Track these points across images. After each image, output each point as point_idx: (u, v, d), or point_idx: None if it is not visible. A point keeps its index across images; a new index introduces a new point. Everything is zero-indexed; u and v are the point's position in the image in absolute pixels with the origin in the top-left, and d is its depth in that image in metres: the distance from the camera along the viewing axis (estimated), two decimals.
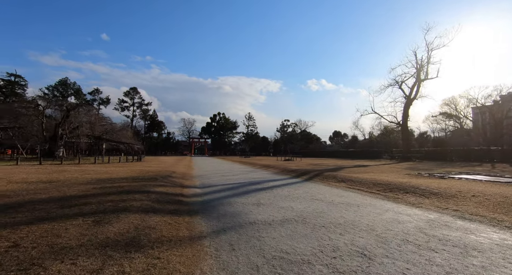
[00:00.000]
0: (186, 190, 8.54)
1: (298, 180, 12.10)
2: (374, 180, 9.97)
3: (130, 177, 10.28)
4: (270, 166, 21.30)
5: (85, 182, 8.26)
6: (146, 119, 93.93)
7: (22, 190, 6.44)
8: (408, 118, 31.90)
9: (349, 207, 6.00)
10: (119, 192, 6.26)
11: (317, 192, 8.41)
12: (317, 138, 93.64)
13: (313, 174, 13.85)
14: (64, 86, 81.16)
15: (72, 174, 10.89)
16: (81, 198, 5.42)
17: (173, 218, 4.72)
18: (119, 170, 14.07)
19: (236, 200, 7.02)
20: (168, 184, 9.00)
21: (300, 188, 9.40)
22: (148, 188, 7.43)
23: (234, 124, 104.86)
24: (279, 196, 7.63)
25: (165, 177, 10.95)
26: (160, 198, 6.17)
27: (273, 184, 10.60)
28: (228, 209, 5.92)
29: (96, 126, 28.50)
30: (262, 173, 16.01)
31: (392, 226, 4.38)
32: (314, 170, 15.50)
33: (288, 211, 5.60)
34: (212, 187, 9.62)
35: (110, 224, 3.60)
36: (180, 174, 14.23)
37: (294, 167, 18.87)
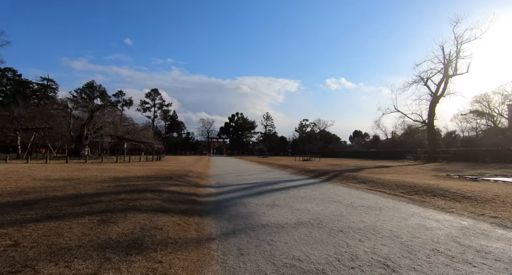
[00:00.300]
0: (201, 190, 8.44)
1: (315, 181, 11.67)
2: (397, 182, 9.35)
3: (146, 175, 10.38)
4: (288, 166, 20.91)
5: (102, 180, 8.40)
6: (167, 120, 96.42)
7: (42, 187, 6.61)
8: (434, 117, 30.10)
9: (370, 210, 5.57)
10: (132, 191, 6.24)
11: (335, 193, 7.99)
12: (337, 138, 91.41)
13: (332, 174, 13.33)
14: (91, 88, 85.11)
15: (92, 172, 11.20)
16: (94, 196, 5.43)
17: (183, 218, 4.57)
18: (138, 168, 14.34)
19: (250, 200, 6.80)
20: (183, 183, 8.96)
21: (318, 189, 9.00)
22: (162, 187, 7.39)
23: (252, 124, 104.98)
24: (295, 197, 7.31)
25: (181, 176, 10.95)
26: (173, 197, 6.07)
27: (290, 184, 10.26)
28: (240, 209, 5.70)
29: (118, 127, 29.50)
30: (279, 173, 15.69)
31: (419, 233, 3.94)
32: (333, 170, 14.95)
33: (303, 213, 5.28)
34: (227, 187, 9.46)
35: (115, 224, 3.50)
36: (196, 173, 14.25)
37: (312, 167, 18.36)
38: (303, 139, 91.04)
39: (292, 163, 26.08)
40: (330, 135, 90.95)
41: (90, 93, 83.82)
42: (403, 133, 57.18)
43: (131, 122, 41.49)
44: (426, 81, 30.23)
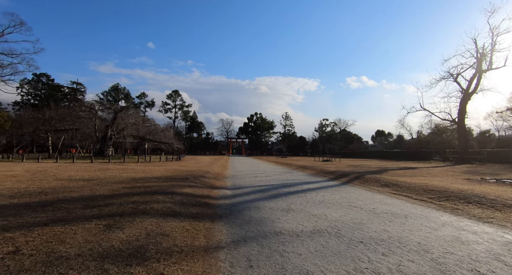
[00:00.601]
0: (215, 192, 8.30)
1: (335, 183, 11.17)
2: (425, 186, 8.66)
3: (163, 176, 10.44)
4: (307, 167, 20.38)
5: (119, 180, 8.52)
6: (187, 120, 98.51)
7: (61, 188, 6.78)
8: (465, 115, 28.09)
9: (394, 218, 5.10)
10: (145, 193, 6.21)
11: (356, 197, 7.51)
12: (358, 138, 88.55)
13: (353, 176, 12.72)
14: (116, 91, 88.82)
15: (112, 172, 11.47)
16: (107, 198, 5.43)
17: (193, 223, 4.40)
18: (156, 169, 14.56)
19: (265, 204, 6.53)
20: (197, 185, 8.88)
21: (337, 192, 8.55)
22: (176, 188, 7.33)
23: (271, 124, 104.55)
24: (313, 201, 6.94)
25: (197, 177, 10.92)
26: (185, 200, 5.95)
27: (308, 187, 9.87)
28: (254, 214, 5.45)
29: (140, 127, 30.43)
30: (297, 174, 15.28)
31: (453, 248, 3.47)
32: (353, 172, 14.30)
33: (320, 220, 4.93)
34: (243, 189, 9.26)
35: (121, 229, 3.39)
36: (213, 174, 14.21)
37: (332, 168, 17.73)
38: (323, 138, 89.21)
39: (311, 163, 25.46)
40: (351, 135, 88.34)
41: (115, 96, 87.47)
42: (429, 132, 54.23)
43: (152, 123, 42.72)
44: (456, 77, 28.32)
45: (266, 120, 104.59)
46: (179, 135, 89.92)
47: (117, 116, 28.07)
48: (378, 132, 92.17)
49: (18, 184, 7.40)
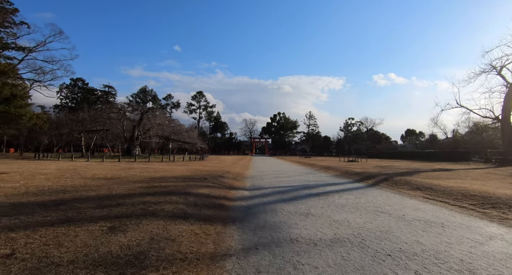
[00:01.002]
0: (233, 192, 8.07)
1: (360, 185, 10.46)
2: (464, 190, 7.74)
3: (182, 176, 10.43)
4: (330, 168, 19.58)
5: (138, 180, 8.59)
6: (211, 121, 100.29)
7: (82, 186, 6.92)
8: (511, 112, 25.44)
9: (428, 227, 4.49)
10: (159, 193, 6.12)
11: (383, 201, 6.87)
12: (386, 137, 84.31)
13: (380, 178, 11.87)
14: (144, 93, 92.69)
15: (134, 171, 11.71)
16: (121, 197, 5.39)
17: (204, 226, 4.16)
18: (177, 168, 14.71)
19: (283, 206, 6.16)
20: (215, 185, 8.70)
21: (363, 195, 7.92)
22: (192, 189, 7.19)
23: (294, 124, 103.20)
24: (335, 204, 6.44)
25: (215, 177, 10.78)
26: (199, 201, 5.76)
27: (330, 188, 9.31)
28: (270, 218, 5.10)
29: (165, 127, 31.31)
30: (320, 175, 14.65)
31: (506, 268, 2.88)
32: (381, 174, 13.38)
33: (342, 227, 4.47)
34: (262, 190, 8.94)
35: (124, 233, 3.22)
36: (233, 174, 14.05)
37: (358, 169, 16.82)
38: (349, 138, 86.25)
39: (335, 164, 24.50)
40: (378, 134, 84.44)
41: (144, 97, 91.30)
42: (467, 131, 50.05)
43: (177, 124, 43.87)
44: (500, 70, 25.69)
45: (290, 120, 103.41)
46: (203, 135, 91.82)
47: (143, 117, 29.10)
48: (408, 132, 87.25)
49: (45, 181, 7.71)
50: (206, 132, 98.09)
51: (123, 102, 49.05)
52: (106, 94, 70.48)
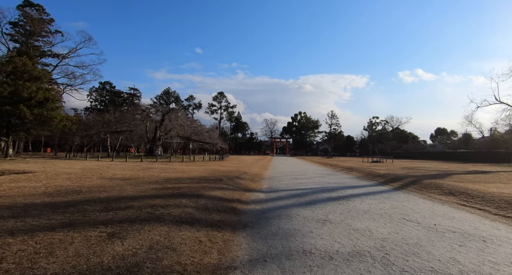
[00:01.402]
0: (248, 195, 7.79)
1: (385, 188, 9.74)
2: (508, 196, 6.86)
3: (197, 177, 10.34)
4: (353, 169, 18.72)
5: (153, 180, 8.59)
6: (232, 121, 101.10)
7: (97, 187, 6.99)
8: None
9: (466, 241, 3.90)
10: (170, 195, 5.98)
11: (411, 208, 6.24)
12: (414, 137, 79.81)
13: (407, 180, 11.03)
14: (167, 95, 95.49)
15: (152, 172, 11.84)
16: (130, 199, 5.31)
17: (211, 233, 3.91)
18: (195, 168, 14.73)
19: (299, 211, 5.77)
20: (230, 187, 8.48)
21: (387, 200, 7.30)
22: (205, 191, 7.01)
23: (315, 124, 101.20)
24: (356, 210, 5.94)
25: (232, 178, 10.58)
26: (210, 204, 5.54)
27: (352, 192, 8.74)
28: (284, 224, 4.75)
29: (185, 128, 31.85)
30: (342, 177, 13.97)
31: None
32: (408, 176, 12.46)
33: (363, 237, 4.01)
34: (278, 192, 8.59)
35: (122, 240, 3.04)
36: (251, 174, 13.80)
37: (383, 171, 15.88)
38: (373, 138, 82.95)
39: (358, 165, 23.46)
40: (405, 134, 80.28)
41: (167, 99, 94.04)
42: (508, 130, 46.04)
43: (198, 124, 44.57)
44: None
45: (311, 120, 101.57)
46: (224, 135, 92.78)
47: (164, 118, 29.80)
48: (438, 131, 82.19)
49: (65, 181, 7.92)
50: (227, 132, 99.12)
51: (146, 103, 50.81)
52: (132, 96, 73.40)
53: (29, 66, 19.50)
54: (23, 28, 43.22)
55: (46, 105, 18.67)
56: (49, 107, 18.82)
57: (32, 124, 19.04)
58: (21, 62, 19.25)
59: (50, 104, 18.91)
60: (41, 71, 19.83)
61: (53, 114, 18.58)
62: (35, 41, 44.88)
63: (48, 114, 18.51)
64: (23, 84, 18.66)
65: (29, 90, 18.43)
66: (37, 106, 18.21)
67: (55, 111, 19.42)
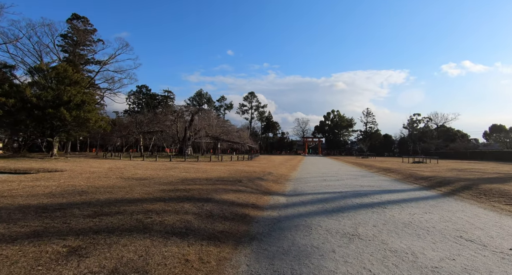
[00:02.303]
0: (266, 199, 6.99)
1: (431, 194, 8.24)
2: None
3: (216, 177, 9.79)
4: (391, 170, 16.87)
5: (168, 181, 8.18)
6: (262, 121, 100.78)
7: (107, 187, 6.72)
8: None
9: None
10: (176, 198, 5.41)
11: (469, 221, 4.92)
12: (463, 135, 71.79)
13: (459, 185, 9.31)
14: (200, 96, 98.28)
15: (174, 171, 11.59)
16: (129, 203, 4.83)
17: (205, 249, 3.19)
18: (218, 168, 14.29)
19: (322, 221, 4.83)
20: (248, 189, 7.75)
21: (435, 209, 5.97)
22: (217, 193, 6.36)
23: (350, 122, 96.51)
24: (394, 222, 4.82)
25: (253, 179, 9.85)
26: (216, 210, 4.85)
27: (389, 197, 7.46)
28: (300, 239, 3.88)
29: (214, 128, 31.97)
30: (377, 179, 12.47)
31: None
32: (459, 179, 10.62)
33: (404, 264, 2.98)
34: (302, 196, 7.65)
35: (81, 259, 2.44)
36: (276, 175, 12.96)
37: (427, 173, 13.97)
38: (414, 136, 76.58)
39: (397, 166, 21.27)
40: (452, 131, 72.69)
41: (199, 100, 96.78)
42: None
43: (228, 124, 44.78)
44: None
45: (345, 118, 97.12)
46: (255, 135, 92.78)
47: (193, 118, 30.19)
48: (494, 128, 73.19)
49: (82, 181, 7.86)
50: (258, 132, 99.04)
51: (179, 105, 52.46)
52: (166, 98, 76.67)
53: (70, 72, 20.84)
54: (71, 39, 47.24)
55: (83, 108, 19.77)
56: (85, 110, 19.90)
57: (71, 125, 20.30)
58: (62, 68, 20.66)
59: (87, 107, 20.01)
60: (79, 76, 21.09)
61: (89, 116, 19.62)
62: (81, 51, 48.88)
63: (84, 116, 19.57)
64: (64, 89, 19.99)
65: (69, 93, 19.66)
66: (75, 109, 19.35)
67: (91, 113, 20.50)
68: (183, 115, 32.43)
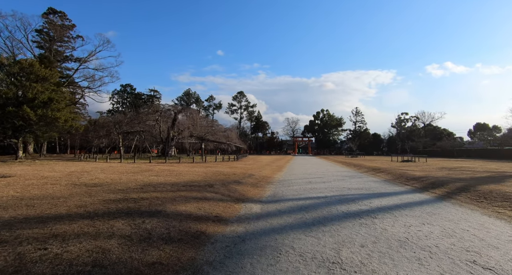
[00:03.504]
0: (236, 208, 5.90)
1: (425, 198, 7.35)
2: None
3: (186, 181, 8.62)
4: (380, 170, 16.12)
5: (123, 188, 6.96)
6: (252, 121, 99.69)
7: (38, 198, 5.47)
8: None
9: None
10: (112, 213, 4.25)
11: (477, 235, 3.98)
12: (449, 133, 72.89)
13: (454, 186, 8.49)
14: (188, 96, 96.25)
15: (141, 175, 10.35)
16: (40, 222, 3.62)
17: None
18: (195, 171, 13.11)
19: (297, 240, 3.79)
20: (216, 196, 6.64)
21: (433, 218, 5.03)
22: (174, 204, 5.22)
23: (339, 121, 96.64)
24: (386, 239, 3.82)
25: (228, 183, 8.75)
26: (160, 229, 3.72)
27: (379, 203, 6.51)
28: (261, 272, 2.81)
29: (198, 127, 30.58)
30: (366, 181, 11.60)
31: None
32: (453, 179, 9.85)
33: None
34: (281, 203, 6.61)
35: None
36: (258, 177, 11.89)
37: (418, 172, 13.23)
38: (402, 135, 77.26)
39: (386, 165, 20.62)
40: (438, 130, 73.69)
41: (188, 100, 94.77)
42: None
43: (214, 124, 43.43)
44: None
45: (334, 117, 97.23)
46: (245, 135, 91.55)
47: (176, 118, 28.76)
48: (478, 126, 74.87)
49: (18, 189, 6.56)
50: (247, 132, 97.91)
51: (166, 104, 50.63)
52: (152, 98, 74.53)
53: (36, 67, 19.14)
54: (47, 35, 44.78)
55: (50, 106, 18.13)
56: (53, 108, 18.27)
57: (38, 125, 18.62)
58: (27, 63, 18.95)
59: (55, 105, 18.37)
60: (48, 72, 19.39)
61: (58, 115, 17.99)
62: (59, 47, 46.44)
63: (52, 114, 17.94)
64: (29, 85, 18.30)
65: (34, 90, 18.00)
66: (41, 107, 17.71)
67: (61, 112, 18.87)
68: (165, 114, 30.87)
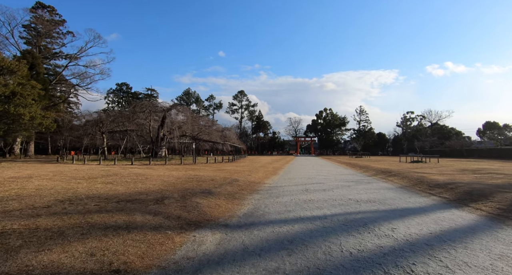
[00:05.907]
0: (173, 245, 3.58)
1: (472, 220, 4.97)
2: None
3: (133, 192, 6.32)
4: (391, 173, 13.70)
5: (24, 206, 4.70)
6: (253, 120, 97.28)
7: None
8: None
9: None
10: None
11: None
12: (457, 132, 69.82)
13: (504, 198, 6.09)
14: (188, 95, 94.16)
15: (92, 183, 8.09)
16: None
17: None
18: (168, 174, 10.81)
19: None
20: (152, 222, 4.32)
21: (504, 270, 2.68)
22: (44, 247, 2.94)
23: (343, 121, 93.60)
24: None
25: (193, 194, 6.44)
26: None
27: (407, 231, 4.14)
28: None
29: (189, 126, 28.33)
30: (378, 188, 9.22)
31: None
32: (493, 187, 7.43)
33: None
34: (254, 231, 4.28)
35: None
36: (242, 184, 9.57)
37: (438, 176, 10.83)
38: (408, 135, 74.44)
39: (396, 166, 18.16)
40: (446, 129, 70.66)
41: (187, 100, 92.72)
42: None
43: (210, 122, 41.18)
44: None
45: (337, 117, 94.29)
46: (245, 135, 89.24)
47: (166, 116, 26.53)
48: (488, 125, 71.71)
49: None
50: (248, 132, 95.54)
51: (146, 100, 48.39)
52: (149, 97, 72.51)
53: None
54: (35, 30, 42.84)
55: (13, 101, 15.97)
56: (17, 104, 16.11)
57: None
58: None
59: (19, 100, 16.20)
60: (14, 63, 17.26)
61: (21, 111, 15.84)
62: (48, 44, 44.48)
63: (16, 111, 15.78)
64: None
65: None
66: (2, 102, 15.56)
67: (27, 108, 16.70)
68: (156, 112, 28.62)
